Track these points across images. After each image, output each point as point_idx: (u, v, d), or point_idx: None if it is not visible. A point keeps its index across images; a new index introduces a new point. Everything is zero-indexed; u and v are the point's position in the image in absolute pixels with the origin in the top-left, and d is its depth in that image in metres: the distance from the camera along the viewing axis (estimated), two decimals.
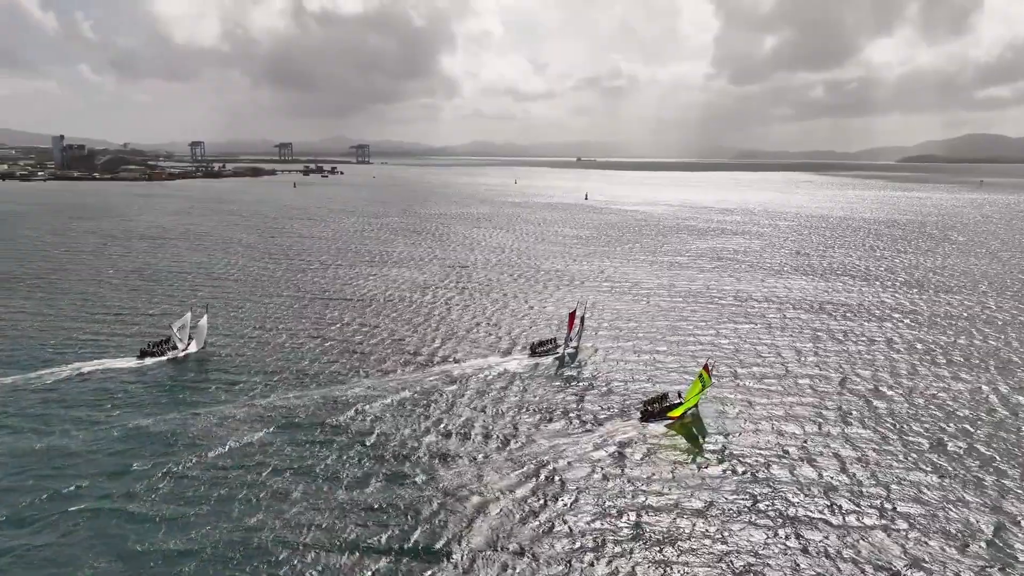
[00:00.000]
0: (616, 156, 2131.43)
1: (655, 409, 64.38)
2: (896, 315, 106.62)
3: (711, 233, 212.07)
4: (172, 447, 55.39)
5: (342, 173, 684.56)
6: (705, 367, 67.99)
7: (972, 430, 62.58)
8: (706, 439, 60.30)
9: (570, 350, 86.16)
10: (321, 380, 72.16)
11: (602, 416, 64.38)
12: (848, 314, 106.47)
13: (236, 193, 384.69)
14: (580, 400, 68.63)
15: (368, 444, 56.74)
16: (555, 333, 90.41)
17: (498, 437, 58.95)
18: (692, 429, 62.39)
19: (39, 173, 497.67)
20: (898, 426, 63.18)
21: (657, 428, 61.53)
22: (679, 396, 67.14)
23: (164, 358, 76.95)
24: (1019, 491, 51.20)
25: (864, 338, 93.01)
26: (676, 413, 64.38)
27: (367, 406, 64.85)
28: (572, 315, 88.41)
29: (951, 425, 63.77)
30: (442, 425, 61.12)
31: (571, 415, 64.57)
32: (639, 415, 63.51)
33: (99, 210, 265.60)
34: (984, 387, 73.86)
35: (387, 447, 56.39)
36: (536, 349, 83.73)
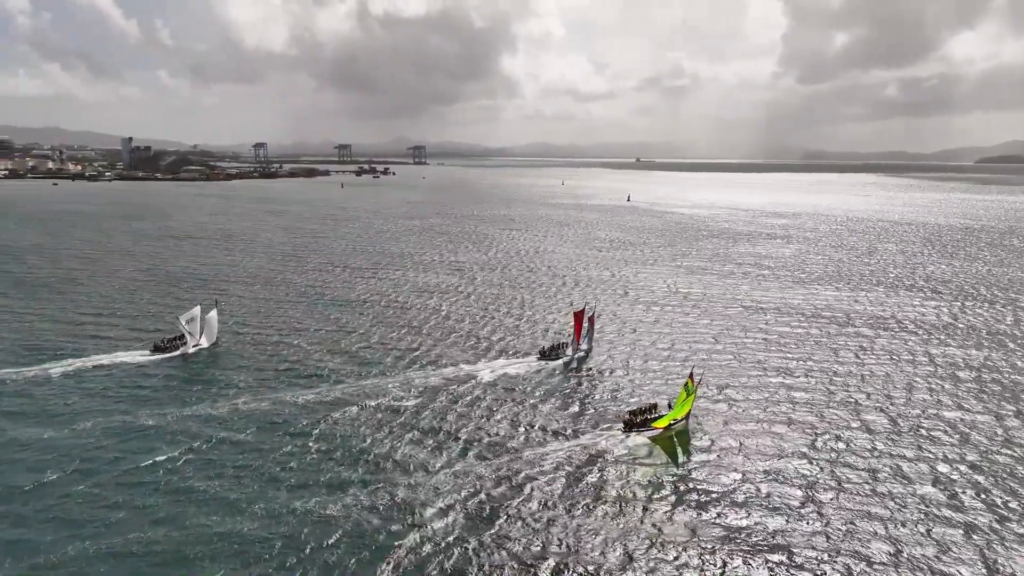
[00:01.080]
0: (677, 157, 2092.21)
1: (639, 420, 61.21)
2: (944, 333, 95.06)
3: (754, 238, 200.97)
4: (172, 438, 56.83)
5: (394, 174, 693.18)
6: (690, 375, 64.79)
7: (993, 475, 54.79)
8: (685, 456, 56.59)
9: (579, 354, 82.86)
10: (326, 379, 72.13)
11: (583, 427, 61.38)
12: (883, 329, 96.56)
13: (283, 193, 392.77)
14: (565, 408, 65.65)
15: (337, 445, 56.47)
16: (567, 338, 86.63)
17: (467, 443, 57.49)
18: (674, 443, 58.81)
19: (106, 174, 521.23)
20: (908, 463, 55.89)
21: (637, 440, 58.48)
22: (669, 407, 63.36)
23: (176, 353, 78.98)
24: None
25: (894, 358, 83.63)
26: (660, 424, 60.86)
27: (361, 405, 64.87)
28: (579, 316, 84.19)
29: (968, 461, 56.33)
30: (418, 428, 60.20)
31: (551, 424, 61.78)
32: (622, 426, 60.57)
33: (147, 209, 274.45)
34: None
35: (351, 450, 55.74)
36: (547, 353, 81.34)
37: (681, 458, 56.40)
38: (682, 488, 51.12)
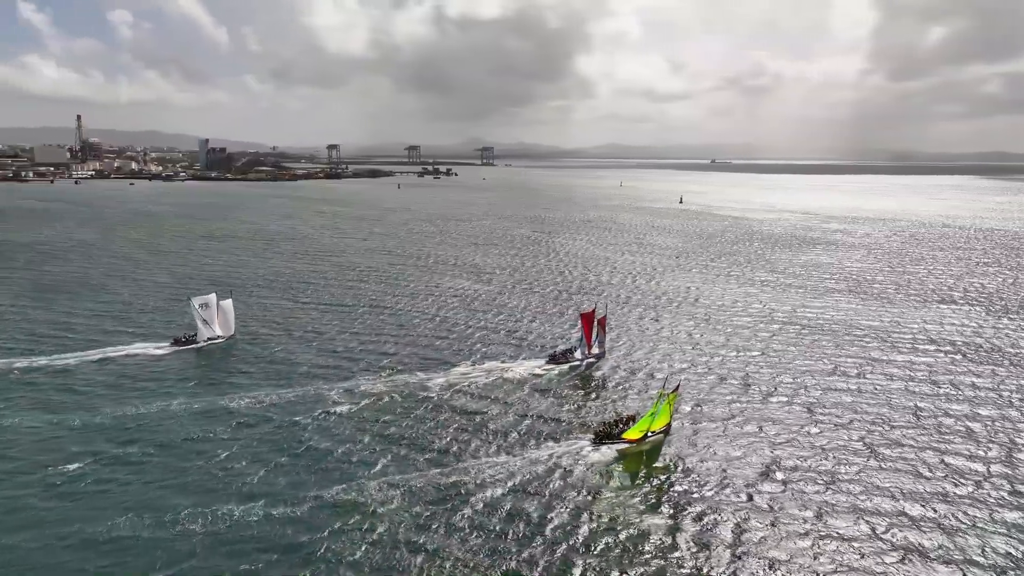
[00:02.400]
0: (755, 158, 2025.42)
1: (612, 431, 59.20)
2: (993, 355, 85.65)
3: (808, 244, 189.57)
4: (179, 426, 59.92)
5: (456, 175, 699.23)
6: (675, 388, 62.93)
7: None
8: (650, 472, 54.27)
9: (590, 359, 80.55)
10: (333, 377, 73.11)
11: (555, 435, 59.88)
12: (939, 351, 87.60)
13: (340, 194, 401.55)
14: (545, 415, 64.38)
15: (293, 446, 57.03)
16: (578, 342, 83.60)
17: (434, 448, 56.83)
18: (643, 457, 56.62)
19: (181, 174, 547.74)
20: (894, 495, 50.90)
21: (606, 452, 56.60)
22: (634, 420, 60.90)
23: (193, 346, 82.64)
24: None
25: (927, 381, 75.76)
26: (631, 435, 58.69)
27: (353, 402, 65.95)
28: (586, 317, 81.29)
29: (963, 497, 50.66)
30: (392, 428, 60.27)
31: (525, 431, 60.38)
32: (592, 436, 58.79)
33: (208, 209, 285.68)
34: None
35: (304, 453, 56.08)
36: (556, 357, 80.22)
37: (644, 472, 53.66)
38: (638, 507, 48.25)
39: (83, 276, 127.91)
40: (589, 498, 49.29)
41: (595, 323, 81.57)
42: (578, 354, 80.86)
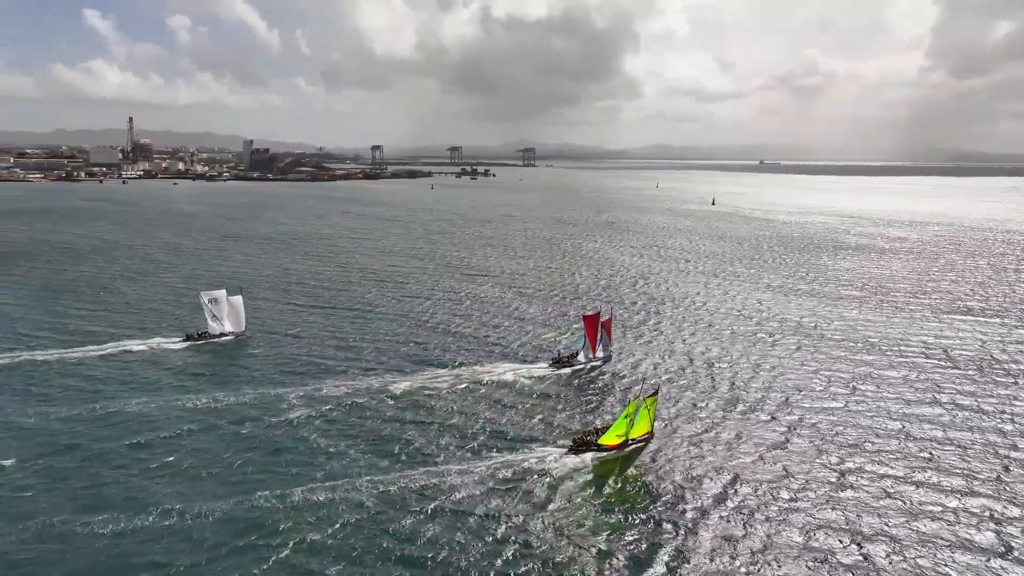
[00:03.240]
0: (805, 159, 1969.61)
1: (589, 439, 57.59)
2: None
3: (841, 249, 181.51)
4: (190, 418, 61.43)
5: (494, 176, 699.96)
6: (654, 393, 60.91)
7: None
8: (624, 480, 52.63)
9: (595, 362, 79.09)
10: (335, 375, 73.63)
11: (532, 441, 58.61)
12: (949, 366, 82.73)
13: (373, 194, 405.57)
14: (526, 420, 63.13)
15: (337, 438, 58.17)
16: (583, 345, 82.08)
17: (406, 450, 56.37)
18: (616, 468, 54.73)
19: (224, 174, 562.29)
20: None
21: (576, 460, 55.05)
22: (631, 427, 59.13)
23: (203, 341, 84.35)
24: None
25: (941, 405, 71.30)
26: (607, 441, 57.03)
27: (361, 402, 66.20)
28: (591, 320, 79.95)
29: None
30: (384, 429, 60.22)
31: (502, 435, 59.23)
32: (570, 443, 57.28)
33: (244, 209, 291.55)
34: None
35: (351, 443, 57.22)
36: (560, 360, 79.02)
37: (613, 484, 51.81)
38: (602, 517, 46.73)
39: (106, 274, 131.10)
40: (556, 506, 47.84)
41: (600, 326, 79.82)
42: (581, 357, 79.41)
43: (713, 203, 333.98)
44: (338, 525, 44.92)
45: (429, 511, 46.76)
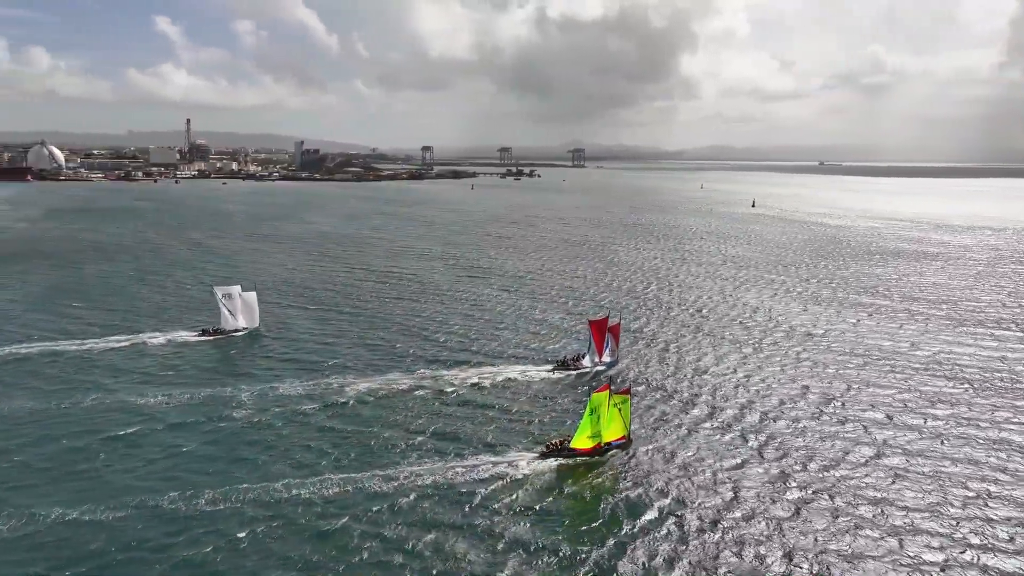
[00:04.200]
0: (870, 160, 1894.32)
1: (562, 444, 56.02)
2: None
3: (878, 254, 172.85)
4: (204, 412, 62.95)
5: (539, 176, 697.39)
6: (626, 391, 58.97)
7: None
8: (583, 489, 50.76)
9: (600, 366, 77.41)
10: (341, 373, 74.02)
11: (507, 445, 57.27)
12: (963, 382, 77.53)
13: (413, 193, 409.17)
14: (509, 424, 61.97)
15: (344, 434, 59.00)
16: (590, 350, 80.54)
17: (371, 448, 56.20)
18: (583, 473, 53.08)
19: (273, 174, 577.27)
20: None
21: (543, 465, 53.62)
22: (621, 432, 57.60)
23: (218, 336, 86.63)
24: None
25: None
26: (579, 445, 55.33)
27: (366, 400, 66.69)
28: (597, 325, 78.42)
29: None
30: (371, 427, 60.17)
31: (478, 439, 58.19)
32: (543, 448, 55.88)
33: (285, 209, 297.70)
34: None
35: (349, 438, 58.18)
36: (564, 364, 77.65)
37: (578, 491, 50.24)
38: (560, 527, 45.28)
39: (130, 271, 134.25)
40: (507, 513, 46.50)
41: (607, 331, 77.91)
42: (587, 361, 77.72)
43: (753, 205, 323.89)
44: (281, 521, 44.85)
45: (373, 512, 46.19)
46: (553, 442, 56.33)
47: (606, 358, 77.99)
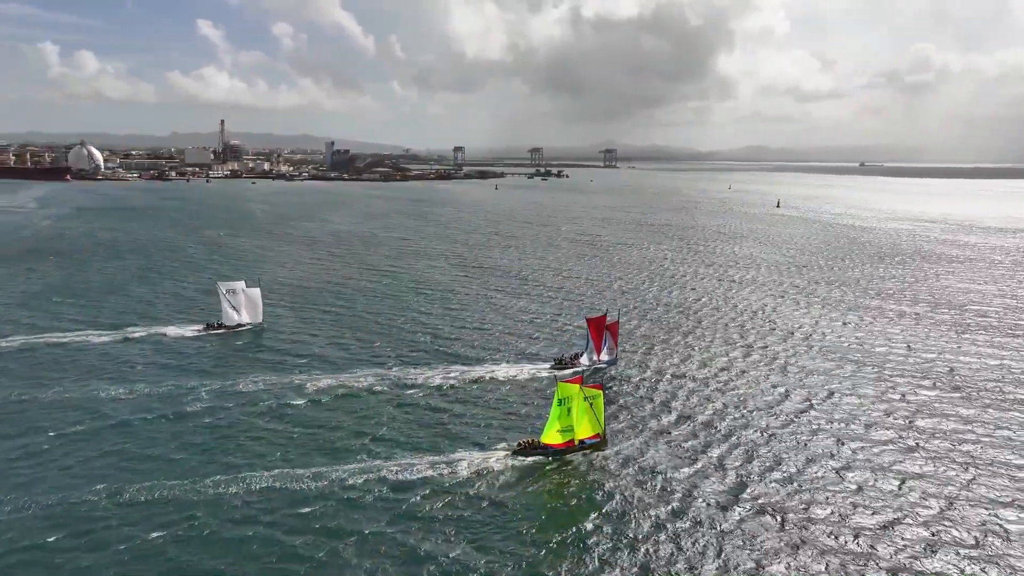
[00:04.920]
0: (912, 161, 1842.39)
1: (534, 442, 55.75)
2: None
3: (898, 256, 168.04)
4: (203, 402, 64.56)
5: (567, 176, 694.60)
6: (598, 386, 58.54)
7: None
8: (553, 489, 50.06)
9: (599, 365, 77.08)
10: (349, 368, 74.99)
11: (486, 442, 56.98)
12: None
13: (435, 193, 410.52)
14: (493, 421, 61.64)
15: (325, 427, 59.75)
16: (588, 348, 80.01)
17: (341, 444, 56.20)
18: (554, 472, 52.43)
19: (303, 174, 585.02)
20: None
21: (515, 463, 53.13)
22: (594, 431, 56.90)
23: (221, 331, 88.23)
24: None
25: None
26: (550, 440, 54.70)
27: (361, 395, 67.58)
28: (595, 323, 77.92)
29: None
30: (347, 422, 60.45)
31: (461, 436, 57.86)
32: (516, 446, 55.57)
33: (308, 208, 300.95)
34: None
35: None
36: (562, 362, 77.30)
37: (546, 491, 49.58)
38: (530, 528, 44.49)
39: (140, 268, 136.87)
40: (474, 511, 46.28)
41: (605, 329, 77.20)
42: (584, 359, 77.28)
43: (778, 205, 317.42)
44: (243, 515, 45.17)
45: (327, 507, 46.22)
46: (526, 440, 55.63)
47: (604, 357, 77.22)
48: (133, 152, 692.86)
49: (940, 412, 64.98)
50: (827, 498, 48.69)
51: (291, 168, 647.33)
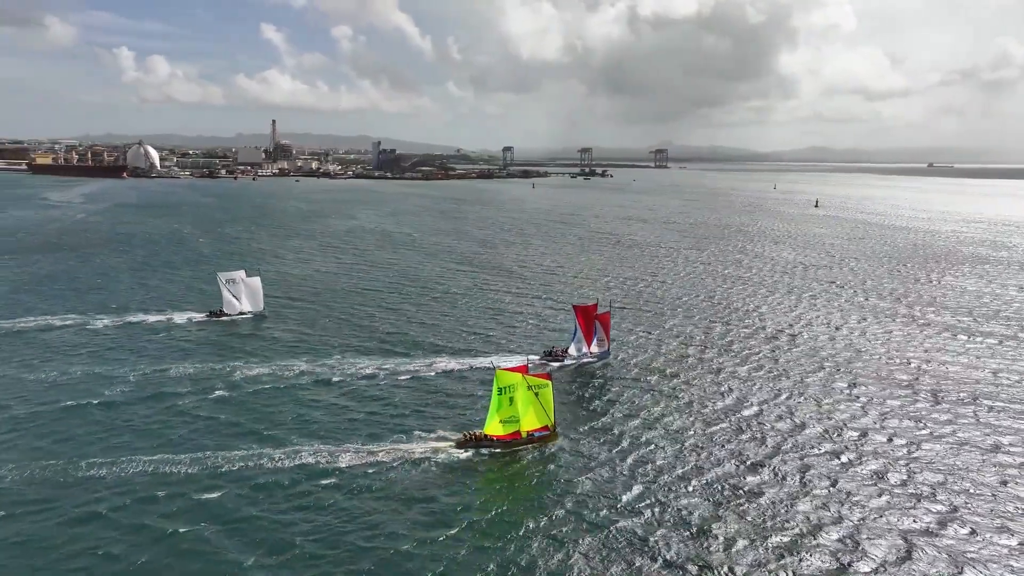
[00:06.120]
0: (988, 162, 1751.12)
1: (478, 434, 54.14)
2: None
3: (960, 261, 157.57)
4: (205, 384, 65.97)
5: (611, 176, 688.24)
6: (546, 375, 56.39)
7: None
8: (487, 482, 48.59)
9: (589, 358, 74.91)
10: (331, 354, 75.71)
11: (430, 433, 55.60)
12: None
13: (471, 192, 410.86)
14: (455, 412, 60.45)
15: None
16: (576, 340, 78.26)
17: (301, 428, 56.14)
18: (506, 467, 50.77)
19: (348, 172, 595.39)
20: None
21: (456, 455, 51.66)
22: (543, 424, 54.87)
23: (223, 318, 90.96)
24: None
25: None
26: (493, 431, 53.03)
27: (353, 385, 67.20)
28: (583, 312, 75.29)
29: None
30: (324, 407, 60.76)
31: (405, 427, 56.36)
32: (461, 438, 53.79)
33: (338, 206, 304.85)
34: None
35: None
36: (552, 354, 75.67)
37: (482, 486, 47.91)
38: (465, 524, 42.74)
39: (157, 260, 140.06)
40: (401, 503, 44.97)
41: (595, 319, 74.72)
42: (573, 351, 74.95)
43: (816, 205, 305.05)
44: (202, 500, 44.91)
45: (252, 492, 45.96)
46: (471, 432, 53.72)
47: (594, 348, 74.71)
48: (190, 152, 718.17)
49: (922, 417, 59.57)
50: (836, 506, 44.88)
51: (338, 167, 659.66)
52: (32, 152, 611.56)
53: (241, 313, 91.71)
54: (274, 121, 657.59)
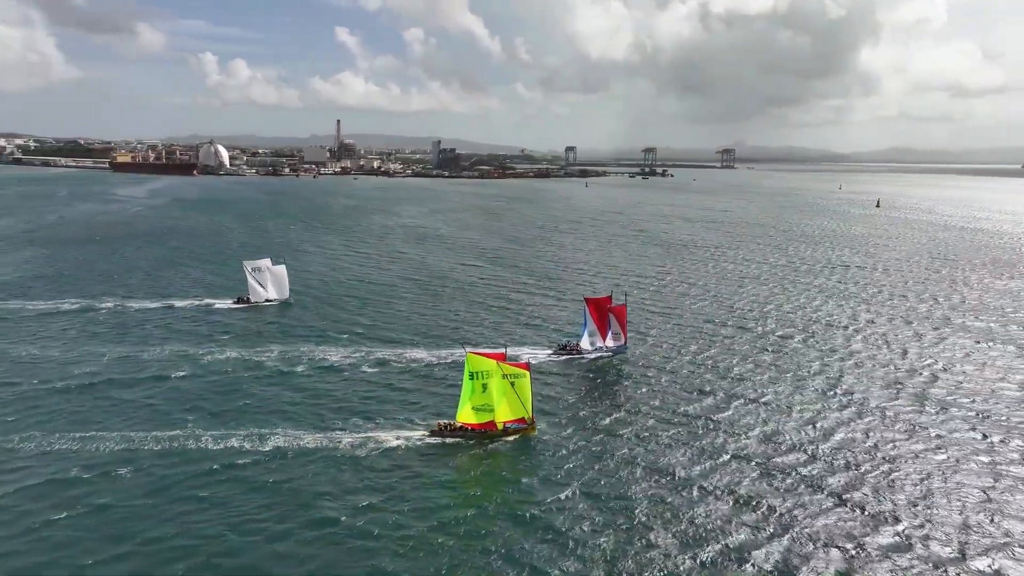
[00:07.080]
0: None
1: (452, 424, 53.30)
2: None
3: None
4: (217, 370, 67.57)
5: (671, 176, 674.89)
6: (524, 365, 54.63)
7: None
8: (459, 472, 47.61)
9: (605, 352, 73.01)
10: (351, 342, 77.00)
11: (408, 420, 55.23)
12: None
13: (523, 191, 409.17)
14: (424, 400, 60.10)
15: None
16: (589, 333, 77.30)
17: (295, 417, 56.24)
18: (470, 456, 49.56)
19: (407, 171, 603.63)
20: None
21: (428, 443, 50.79)
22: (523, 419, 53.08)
23: (247, 305, 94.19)
24: None
25: None
26: (466, 419, 51.93)
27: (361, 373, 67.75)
28: (596, 304, 73.74)
29: None
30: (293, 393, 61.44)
31: (387, 413, 56.36)
32: (435, 427, 53.12)
33: (391, 203, 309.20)
34: None
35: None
36: (566, 348, 74.70)
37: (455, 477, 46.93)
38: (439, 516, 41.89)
39: (187, 251, 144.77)
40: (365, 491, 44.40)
41: (608, 312, 72.73)
42: (585, 344, 72.93)
43: (878, 205, 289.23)
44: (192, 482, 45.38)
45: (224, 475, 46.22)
46: (444, 421, 52.49)
47: (609, 342, 72.53)
48: (259, 151, 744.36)
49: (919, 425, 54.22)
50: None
51: (399, 166, 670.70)
52: (115, 151, 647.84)
53: (267, 300, 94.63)
54: (339, 121, 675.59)
